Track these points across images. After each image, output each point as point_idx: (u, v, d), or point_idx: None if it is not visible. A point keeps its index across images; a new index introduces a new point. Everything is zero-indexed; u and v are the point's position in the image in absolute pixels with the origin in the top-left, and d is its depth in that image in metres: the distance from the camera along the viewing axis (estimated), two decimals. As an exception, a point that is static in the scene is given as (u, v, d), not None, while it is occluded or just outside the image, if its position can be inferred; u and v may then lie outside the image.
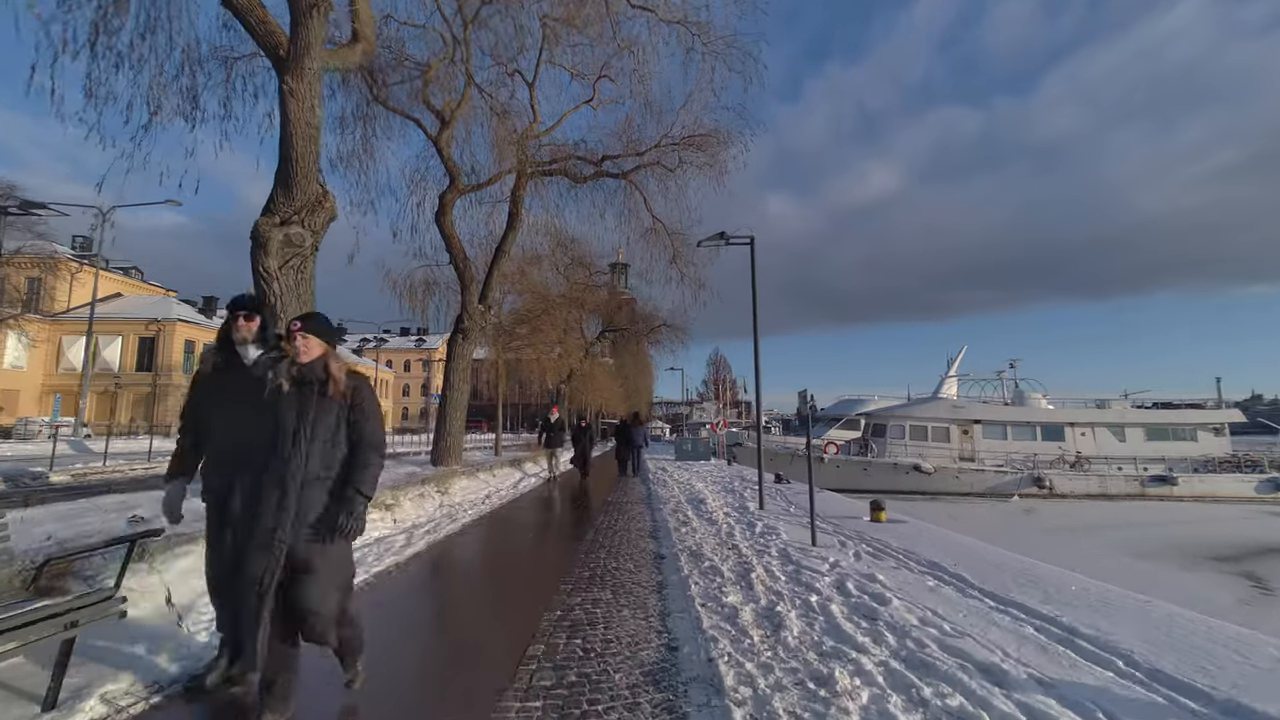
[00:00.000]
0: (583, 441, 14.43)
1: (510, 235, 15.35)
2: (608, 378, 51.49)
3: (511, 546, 6.39)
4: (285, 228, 7.37)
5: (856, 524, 7.82)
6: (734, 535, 6.76)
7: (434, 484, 8.75)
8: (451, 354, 14.71)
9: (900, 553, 5.85)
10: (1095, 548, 14.03)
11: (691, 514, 8.59)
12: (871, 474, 26.34)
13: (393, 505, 6.89)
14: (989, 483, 25.40)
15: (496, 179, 14.80)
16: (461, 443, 14.95)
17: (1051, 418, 26.82)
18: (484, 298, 15.12)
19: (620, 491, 12.17)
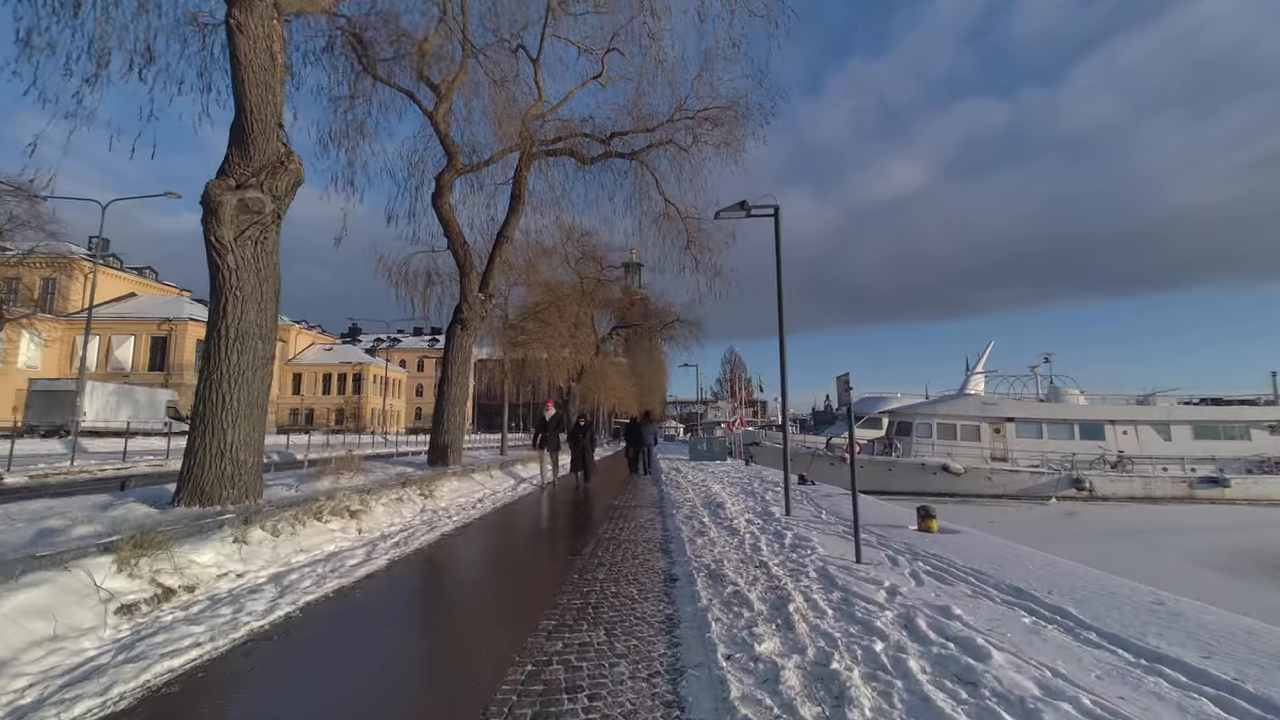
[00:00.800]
0: (581, 442, 12.64)
1: (513, 219, 14.37)
2: (620, 376, 50.48)
3: (492, 563, 5.35)
4: (241, 192, 6.42)
5: (902, 535, 6.68)
6: (760, 548, 5.66)
7: (417, 486, 7.77)
8: (449, 346, 13.77)
9: (969, 573, 4.72)
10: (1157, 556, 12.67)
11: (709, 521, 7.50)
12: (897, 474, 24.99)
13: (359, 512, 5.90)
14: (1023, 484, 23.94)
15: (498, 158, 13.83)
16: (461, 441, 14.00)
17: (1090, 415, 25.25)
18: (485, 286, 14.15)
19: (629, 494, 11.12)
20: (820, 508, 8.93)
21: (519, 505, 9.09)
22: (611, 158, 15.51)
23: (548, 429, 12.15)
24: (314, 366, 74.19)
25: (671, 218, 16.84)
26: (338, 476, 8.83)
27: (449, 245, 13.52)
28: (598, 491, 11.67)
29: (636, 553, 5.58)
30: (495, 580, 4.78)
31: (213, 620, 3.24)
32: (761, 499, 9.97)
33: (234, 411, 6.37)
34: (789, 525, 7.02)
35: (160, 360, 45.19)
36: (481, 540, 6.14)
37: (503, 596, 4.27)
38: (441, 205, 13.14)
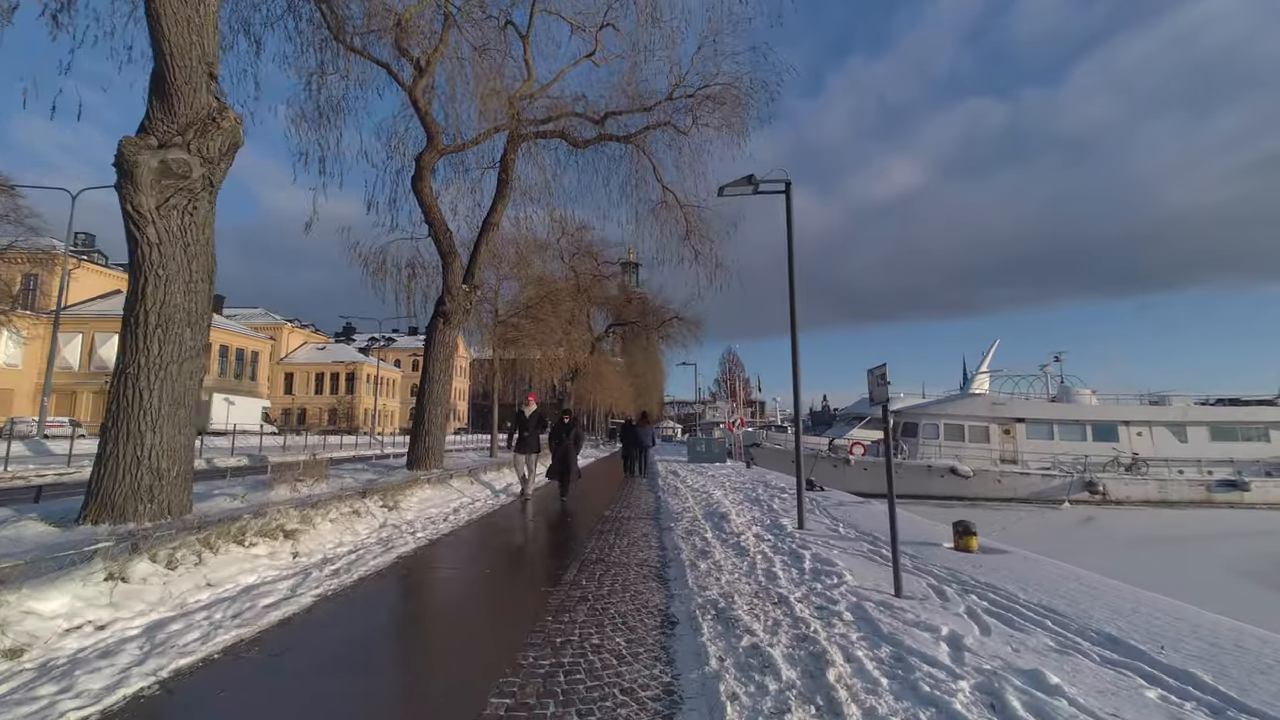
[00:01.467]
0: (564, 444, 10.58)
1: (500, 205, 13.40)
2: (617, 376, 49.50)
3: (448, 599, 4.36)
4: (163, 152, 5.44)
5: (938, 555, 5.73)
6: (776, 575, 4.71)
7: (380, 496, 6.80)
8: (430, 341, 12.79)
9: (1041, 613, 3.78)
10: (1193, 568, 11.78)
11: (711, 536, 6.55)
12: (903, 477, 24.06)
13: (297, 531, 4.93)
14: (1034, 487, 23.06)
15: (483, 138, 12.85)
16: (443, 443, 13.02)
17: (1104, 415, 24.38)
18: (469, 276, 13.18)
19: (623, 502, 10.17)
20: (835, 519, 7.99)
21: (498, 517, 8.12)
22: (606, 141, 14.55)
23: (527, 428, 10.14)
24: (306, 366, 73.07)
25: (670, 206, 15.89)
26: (295, 484, 7.85)
27: (430, 232, 12.54)
28: (588, 499, 10.71)
29: (628, 581, 4.63)
30: (446, 627, 3.80)
31: (13, 714, 2.27)
32: (769, 508, 9.02)
33: (153, 412, 5.39)
34: (805, 542, 6.07)
35: (145, 359, 43.98)
36: (443, 565, 5.17)
37: (450, 655, 3.28)
38: (422, 189, 12.17)
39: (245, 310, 72.78)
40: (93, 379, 42.38)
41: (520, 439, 10.19)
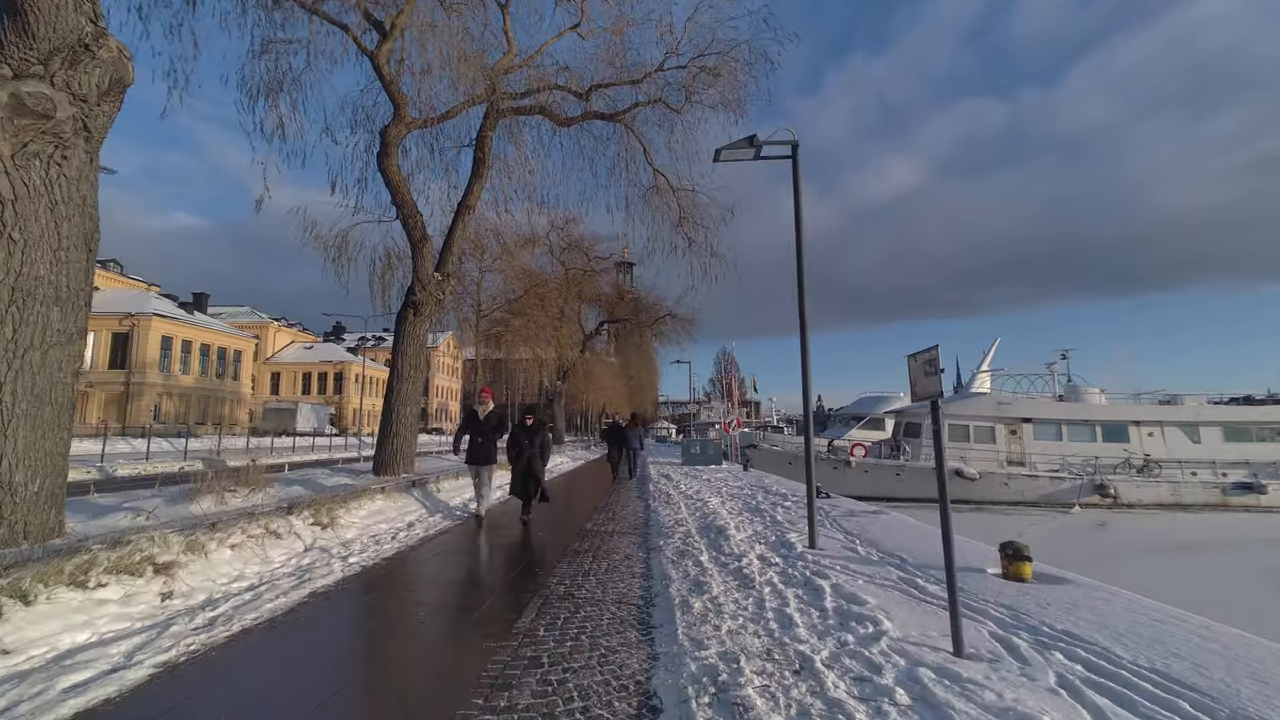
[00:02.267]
0: (526, 453, 8.05)
1: (476, 185, 12.29)
2: (610, 375, 48.39)
3: (347, 663, 3.18)
4: (16, 83, 4.33)
5: (986, 585, 4.69)
6: (791, 620, 3.64)
7: (313, 511, 5.69)
8: (399, 335, 11.67)
9: (1164, 683, 2.73)
10: (1232, 580, 10.81)
11: (708, 559, 5.48)
12: (905, 480, 23.12)
13: (175, 564, 3.83)
14: (1043, 490, 22.13)
15: (456, 112, 11.74)
16: (414, 446, 11.90)
17: (1114, 415, 23.48)
18: (443, 264, 12.07)
19: (607, 512, 9.09)
20: (850, 534, 6.93)
21: (462, 534, 7.02)
22: (591, 119, 13.48)
23: (481, 433, 7.99)
24: (293, 365, 71.60)
25: (661, 191, 14.82)
26: (223, 495, 6.73)
27: (398, 215, 11.43)
28: (568, 509, 9.63)
29: (599, 631, 3.54)
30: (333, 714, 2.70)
31: None
32: (772, 520, 7.96)
33: (6, 410, 4.28)
34: (821, 568, 5.00)
35: (121, 358, 42.59)
36: (365, 606, 4.06)
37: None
38: (388, 165, 11.05)
39: (231, 309, 71.30)
40: (66, 379, 40.81)
41: (471, 446, 8.00)
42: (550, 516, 8.46)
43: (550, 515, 8.59)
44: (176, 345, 45.43)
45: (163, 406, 44.00)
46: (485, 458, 7.98)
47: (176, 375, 45.32)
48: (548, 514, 8.64)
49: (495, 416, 8.25)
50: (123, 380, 42.23)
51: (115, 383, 42.21)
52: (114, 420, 41.36)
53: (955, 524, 10.26)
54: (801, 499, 10.40)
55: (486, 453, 7.99)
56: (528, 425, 8.34)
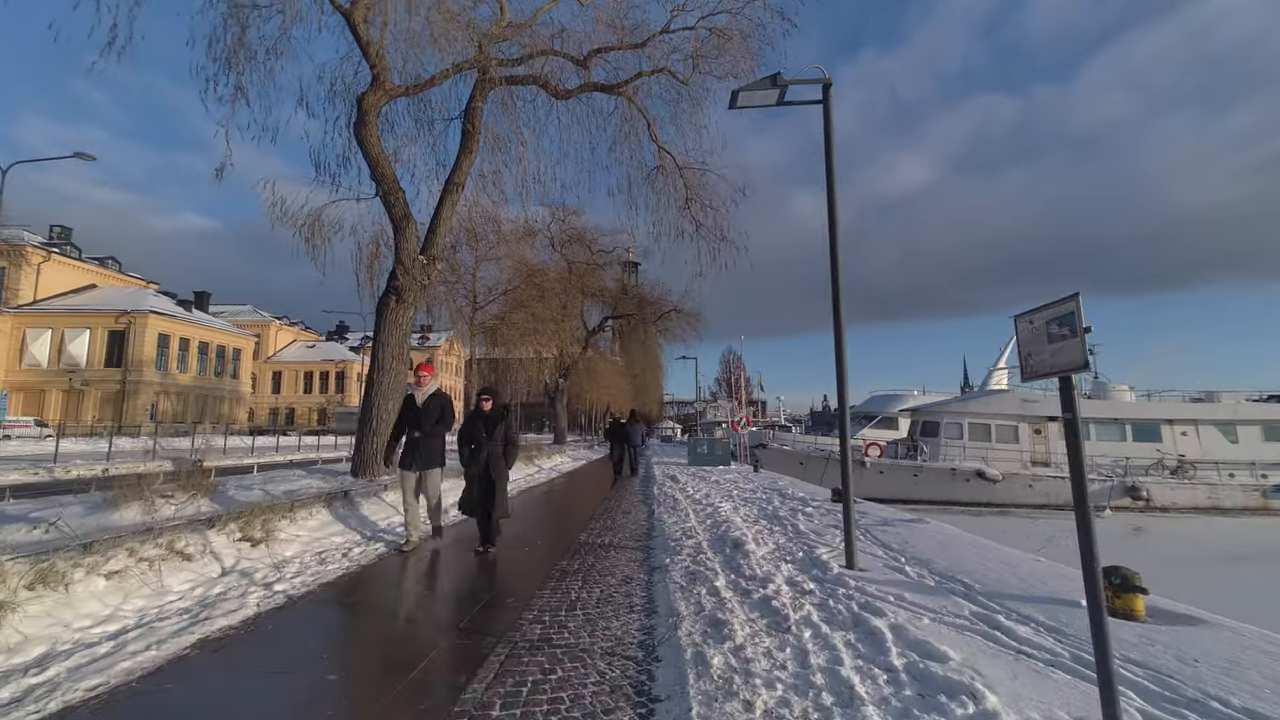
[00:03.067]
0: (481, 449, 5.71)
1: (465, 161, 11.24)
2: (614, 373, 47.35)
3: None
4: None
5: (1074, 619, 3.59)
6: (851, 689, 2.58)
7: (240, 524, 4.67)
8: (380, 323, 10.66)
9: None
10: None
11: (725, 585, 4.42)
12: (923, 481, 21.98)
13: (8, 605, 2.81)
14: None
15: (443, 79, 10.72)
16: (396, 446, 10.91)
17: (1145, 413, 22.25)
18: (428, 246, 11.05)
19: (605, 519, 8.04)
20: (891, 549, 5.85)
21: (427, 550, 5.99)
22: (591, 91, 12.43)
23: (419, 426, 5.86)
24: (295, 364, 70.94)
25: (667, 171, 13.76)
26: (152, 501, 5.72)
27: (378, 191, 10.41)
28: (563, 516, 8.59)
29: (578, 704, 2.49)
30: None
31: None
32: (795, 530, 6.90)
33: None
34: (868, 598, 3.94)
35: (117, 355, 41.88)
36: (267, 658, 2.98)
37: None
38: (367, 136, 10.04)
39: (232, 307, 70.78)
40: (63, 376, 40.22)
41: (410, 443, 5.89)
42: (541, 527, 7.43)
43: (541, 525, 7.56)
44: (174, 343, 44.71)
45: (160, 405, 43.27)
46: (421, 459, 5.75)
47: (174, 374, 44.60)
48: (540, 523, 7.62)
49: (438, 404, 5.95)
50: (119, 379, 41.50)
51: (111, 381, 41.50)
52: (110, 419, 40.67)
53: (976, 528, 9.07)
54: (824, 504, 9.33)
55: (425, 454, 5.77)
56: (484, 411, 5.74)
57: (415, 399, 5.98)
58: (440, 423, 5.97)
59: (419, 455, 5.82)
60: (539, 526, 7.34)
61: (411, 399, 6.04)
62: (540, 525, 7.44)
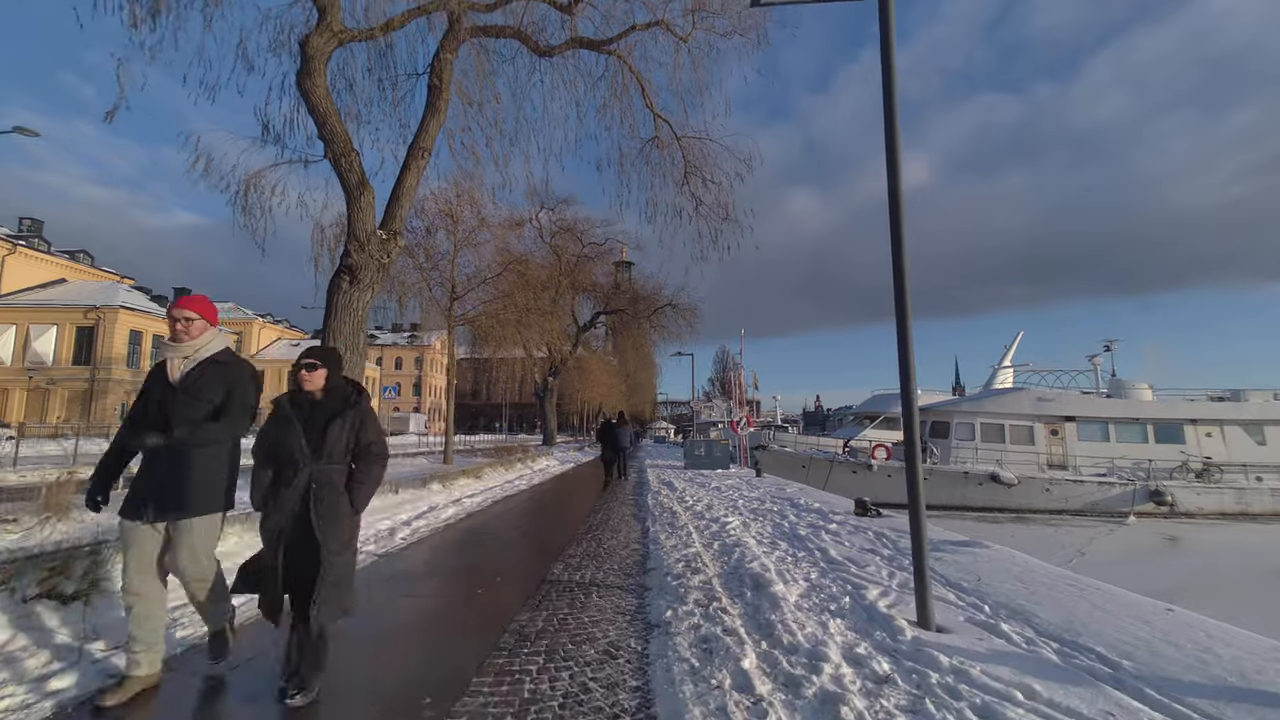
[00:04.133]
0: (281, 491, 2.63)
1: (431, 122, 9.77)
2: (606, 373, 45.90)
3: None
4: None
5: None
6: None
7: (52, 570, 3.20)
8: (330, 306, 9.18)
9: None
10: None
11: (754, 665, 3.00)
12: (933, 485, 20.65)
13: None
14: (1090, 497, 19.68)
15: (403, 21, 9.27)
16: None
17: (1167, 413, 21.04)
18: (388, 219, 9.58)
19: (589, 541, 6.60)
20: (964, 591, 4.45)
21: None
22: (578, 48, 11.02)
23: (171, 424, 2.69)
24: (278, 363, 68.81)
25: (664, 143, 12.36)
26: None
27: (326, 152, 8.92)
28: (541, 534, 7.16)
29: None
30: None
31: None
32: (824, 555, 5.50)
33: None
34: (992, 705, 2.53)
35: (85, 353, 39.98)
36: None
37: None
38: (312, 87, 8.55)
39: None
40: (25, 375, 38.28)
41: (142, 463, 2.77)
42: (508, 554, 5.98)
43: (509, 551, 6.11)
44: (147, 340, 42.83)
45: (130, 405, 41.28)
46: (170, 496, 2.68)
47: (147, 372, 42.57)
48: (509, 547, 6.17)
49: (218, 381, 2.89)
50: (87, 377, 39.60)
51: (79, 379, 39.60)
52: (78, 419, 38.77)
53: (995, 536, 7.39)
54: (848, 519, 7.91)
55: (178, 483, 2.70)
56: (306, 398, 2.80)
57: (167, 369, 2.88)
58: (219, 417, 2.86)
59: (163, 486, 2.69)
60: (505, 553, 5.89)
61: (160, 370, 2.92)
62: (507, 551, 5.99)
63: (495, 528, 7.35)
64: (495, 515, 8.23)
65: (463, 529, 7.06)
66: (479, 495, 9.99)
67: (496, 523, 7.73)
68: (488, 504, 9.31)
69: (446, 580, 4.92)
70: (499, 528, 7.39)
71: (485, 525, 7.53)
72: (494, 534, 6.87)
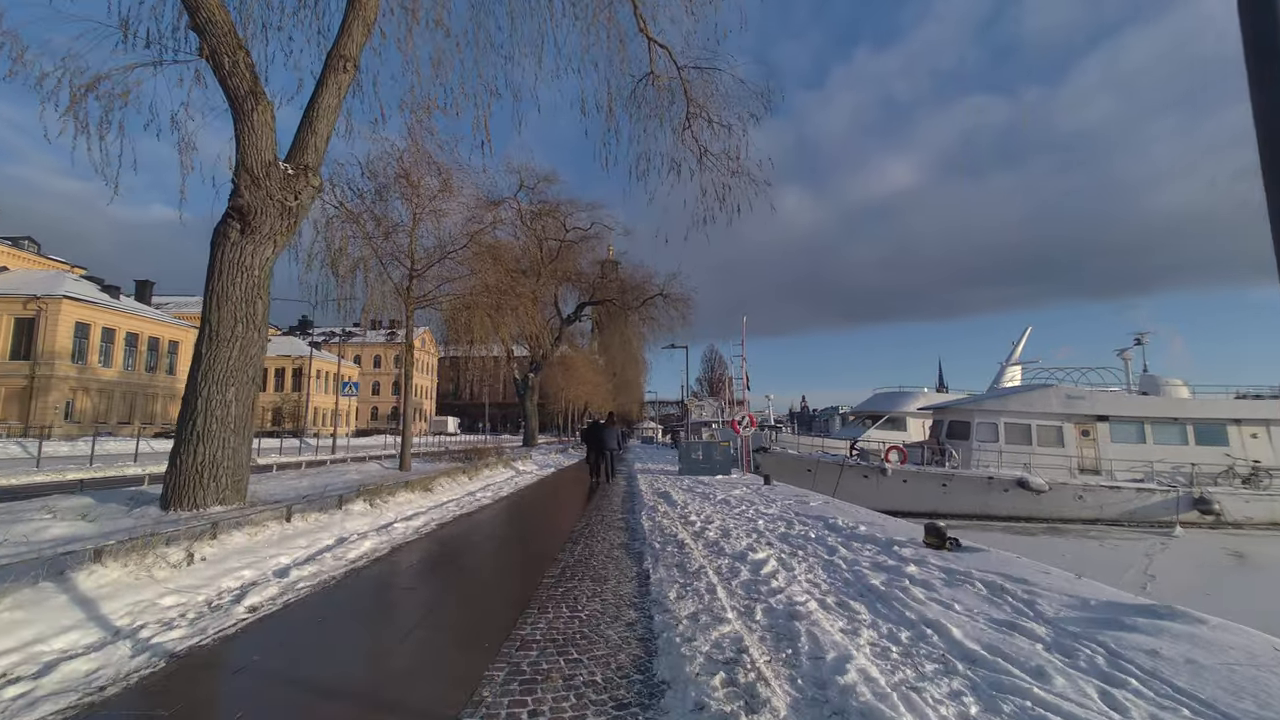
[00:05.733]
0: None
1: (354, 23, 7.39)
2: (592, 370, 43.49)
3: None
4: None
5: None
6: None
7: None
8: (214, 264, 6.78)
9: None
10: None
11: None
12: (954, 492, 18.63)
13: None
14: (1127, 505, 17.74)
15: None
16: (246, 455, 7.02)
17: (1209, 412, 19.19)
18: (297, 151, 7.19)
19: (558, 608, 4.27)
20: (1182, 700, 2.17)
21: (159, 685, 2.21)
22: (554, -55, 8.70)
23: None
24: (247, 360, 65.71)
25: (661, 82, 10.09)
26: None
27: (200, 47, 6.51)
28: (498, 574, 4.81)
29: None
30: None
31: None
32: (947, 640, 3.25)
33: None
34: None
35: (25, 347, 36.73)
36: None
37: None
38: (179, -44, 6.15)
39: (180, 298, 65.63)
40: (-43, 370, 34.97)
41: None
42: (405, 655, 3.61)
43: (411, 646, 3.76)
44: (95, 334, 39.62)
45: (77, 403, 38.20)
46: None
47: (95, 367, 39.52)
48: (422, 625, 3.84)
49: None
50: (27, 373, 36.37)
51: (17, 375, 36.36)
52: (15, 418, 35.57)
53: (1033, 550, 4.92)
54: (920, 551, 5.62)
55: None
56: None
57: None
58: None
59: None
60: (398, 653, 3.54)
61: None
62: (404, 647, 3.63)
63: (413, 580, 5.00)
64: (426, 553, 5.87)
65: (358, 587, 4.67)
66: (422, 516, 7.62)
67: (422, 567, 5.37)
68: (427, 530, 6.94)
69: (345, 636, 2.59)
70: (420, 580, 5.03)
71: (403, 572, 5.17)
72: (403, 598, 4.51)
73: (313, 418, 60.90)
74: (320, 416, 67.80)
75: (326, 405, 68.28)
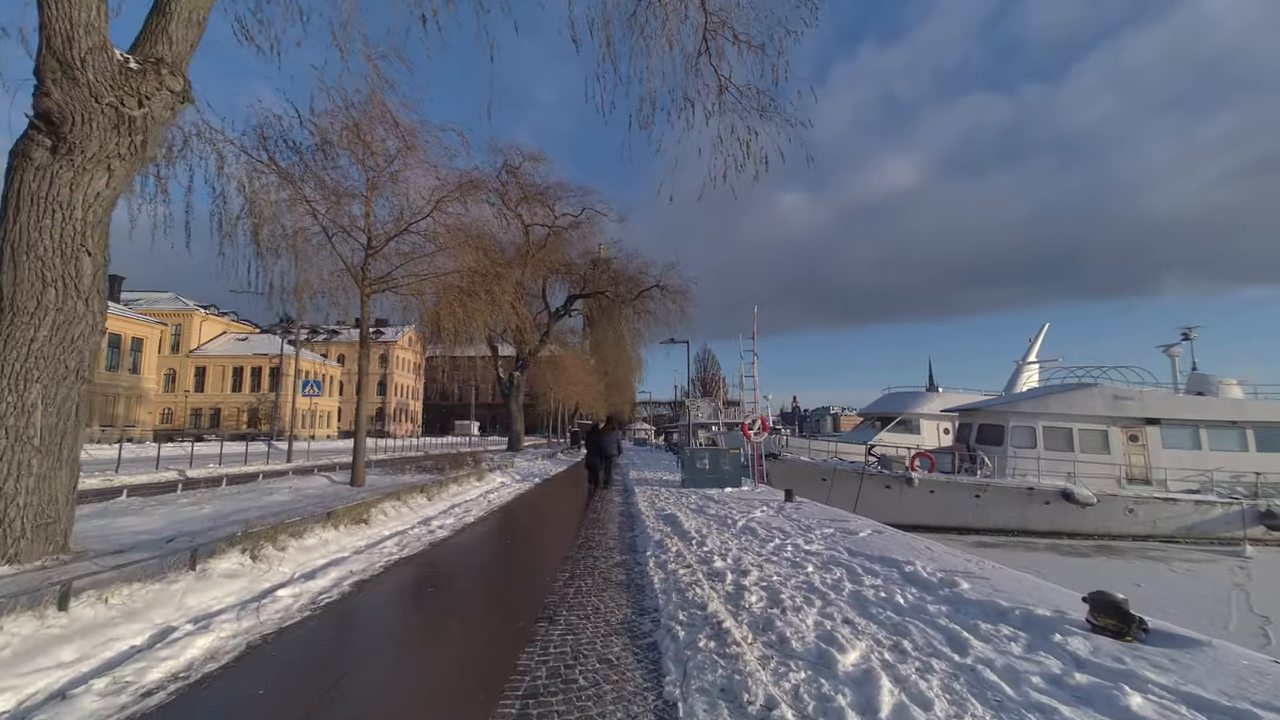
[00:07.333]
0: None
1: None
2: (583, 370, 41.15)
3: None
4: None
5: None
6: None
7: None
8: (12, 198, 4.52)
9: None
10: None
11: None
12: (988, 504, 16.59)
13: None
14: (1185, 519, 15.78)
15: None
16: (72, 479, 4.74)
17: (1274, 415, 17.27)
18: (150, 37, 4.94)
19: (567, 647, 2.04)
20: None
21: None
22: None
23: None
24: (221, 359, 62.98)
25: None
26: None
27: None
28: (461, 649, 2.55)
29: None
30: None
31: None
32: None
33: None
34: None
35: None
36: None
37: None
38: None
39: (151, 294, 62.80)
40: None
41: None
42: None
43: None
44: (48, 329, 36.83)
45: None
46: None
47: (48, 366, 36.71)
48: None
49: None
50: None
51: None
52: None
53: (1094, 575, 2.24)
54: (1086, 632, 3.53)
55: None
56: None
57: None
58: None
59: None
60: None
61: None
62: None
63: (315, 680, 2.78)
64: (302, 658, 3.61)
65: None
66: (335, 570, 5.36)
67: (275, 696, 3.16)
68: (328, 600, 4.66)
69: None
70: (326, 684, 2.81)
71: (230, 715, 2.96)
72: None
73: (300, 421, 58.15)
74: (304, 418, 65.02)
75: (302, 405, 65.45)
